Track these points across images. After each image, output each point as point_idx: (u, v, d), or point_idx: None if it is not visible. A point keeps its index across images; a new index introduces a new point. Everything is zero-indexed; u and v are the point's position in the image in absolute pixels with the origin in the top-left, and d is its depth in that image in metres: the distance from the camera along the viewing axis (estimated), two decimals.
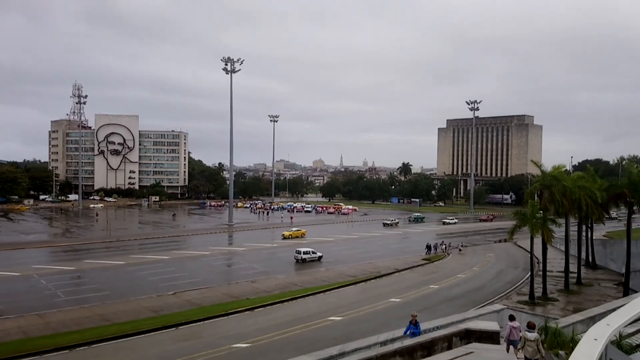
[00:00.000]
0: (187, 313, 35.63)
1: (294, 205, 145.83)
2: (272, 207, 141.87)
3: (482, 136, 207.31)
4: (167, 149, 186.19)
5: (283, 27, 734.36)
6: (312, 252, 60.15)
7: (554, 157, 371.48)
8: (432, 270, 55.58)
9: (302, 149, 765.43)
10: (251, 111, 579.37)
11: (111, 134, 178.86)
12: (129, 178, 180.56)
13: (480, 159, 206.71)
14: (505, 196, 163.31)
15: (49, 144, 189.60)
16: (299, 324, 32.55)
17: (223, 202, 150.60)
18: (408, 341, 16.98)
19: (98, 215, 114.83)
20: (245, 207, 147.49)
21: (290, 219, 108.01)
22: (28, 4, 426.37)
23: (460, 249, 68.44)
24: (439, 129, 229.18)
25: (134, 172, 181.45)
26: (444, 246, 68.95)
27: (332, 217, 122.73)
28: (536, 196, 47.04)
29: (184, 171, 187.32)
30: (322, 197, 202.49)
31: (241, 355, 27.27)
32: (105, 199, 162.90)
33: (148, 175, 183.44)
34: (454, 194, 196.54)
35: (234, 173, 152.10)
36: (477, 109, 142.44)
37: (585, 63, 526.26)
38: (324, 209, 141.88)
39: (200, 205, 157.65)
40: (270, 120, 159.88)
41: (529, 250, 46.36)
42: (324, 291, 43.57)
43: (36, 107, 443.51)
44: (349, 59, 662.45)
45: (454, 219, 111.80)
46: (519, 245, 69.96)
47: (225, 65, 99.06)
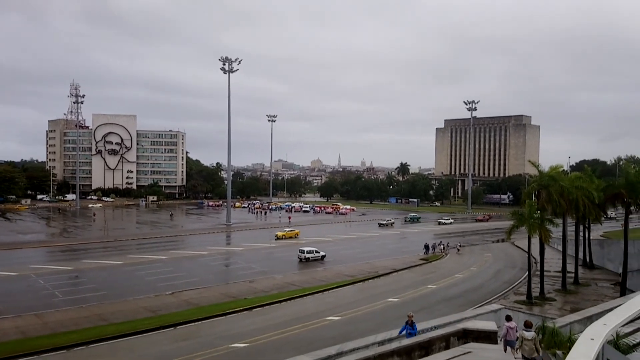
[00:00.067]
0: (185, 313, 35.64)
1: (292, 205, 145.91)
2: (270, 207, 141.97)
3: (480, 136, 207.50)
4: (165, 149, 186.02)
5: (283, 27, 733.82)
6: (316, 252, 61.13)
7: (554, 157, 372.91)
8: (430, 270, 55.68)
9: (301, 149, 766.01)
10: (250, 111, 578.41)
11: (109, 133, 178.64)
12: (127, 178, 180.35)
13: (478, 159, 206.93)
14: (503, 196, 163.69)
15: (47, 144, 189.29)
16: (297, 324, 32.59)
17: (221, 202, 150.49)
18: (406, 341, 17.01)
19: (95, 215, 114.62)
20: (243, 207, 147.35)
21: (289, 218, 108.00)
22: (28, 4, 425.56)
23: (458, 249, 68.59)
24: (436, 129, 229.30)
25: (132, 172, 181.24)
26: (442, 246, 69.10)
27: (330, 217, 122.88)
28: (534, 196, 47.09)
29: (182, 171, 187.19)
30: (320, 197, 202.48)
31: (239, 355, 27.30)
32: (103, 198, 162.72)
33: (146, 175, 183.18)
34: (452, 194, 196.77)
35: (232, 173, 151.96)
36: (475, 109, 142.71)
37: (585, 63, 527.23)
38: (322, 209, 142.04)
39: (198, 205, 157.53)
40: (268, 120, 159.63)
41: (527, 250, 46.48)
42: (322, 291, 43.64)
43: (34, 107, 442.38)
44: (349, 59, 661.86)
45: (450, 219, 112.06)
46: (516, 245, 70.15)
47: (223, 65, 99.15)
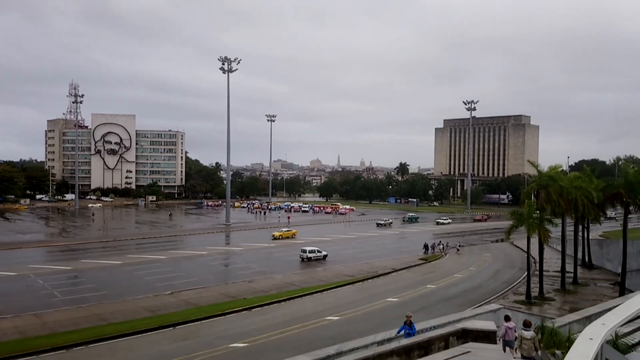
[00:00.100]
0: (184, 313, 35.61)
1: (292, 205, 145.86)
2: (270, 207, 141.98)
3: (479, 136, 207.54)
4: (164, 149, 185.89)
5: (283, 27, 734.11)
6: (318, 251, 61.29)
7: (554, 157, 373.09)
8: (429, 270, 55.70)
9: (300, 149, 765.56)
10: (250, 111, 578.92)
11: (108, 133, 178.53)
12: (126, 178, 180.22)
13: (477, 159, 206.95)
14: (502, 196, 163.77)
15: (46, 144, 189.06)
16: (296, 324, 32.58)
17: (220, 202, 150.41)
18: (405, 341, 17.02)
19: (94, 215, 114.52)
20: (243, 207, 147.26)
21: (288, 218, 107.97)
22: (27, 4, 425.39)
23: (457, 249, 68.63)
24: (436, 129, 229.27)
25: (131, 172, 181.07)
26: (442, 246, 69.15)
27: (330, 217, 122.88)
28: (533, 196, 47.14)
29: (181, 171, 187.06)
30: (320, 197, 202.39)
31: (238, 355, 27.29)
32: (102, 198, 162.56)
33: (145, 174, 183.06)
34: (451, 194, 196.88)
35: (231, 173, 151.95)
36: (474, 109, 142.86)
37: (585, 63, 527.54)
38: (322, 208, 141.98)
39: (197, 205, 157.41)
40: (267, 120, 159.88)
41: (526, 250, 46.57)
42: (321, 291, 43.63)
43: (34, 107, 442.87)
44: (349, 59, 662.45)
45: (448, 219, 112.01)
46: (515, 245, 70.19)
47: (223, 64, 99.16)
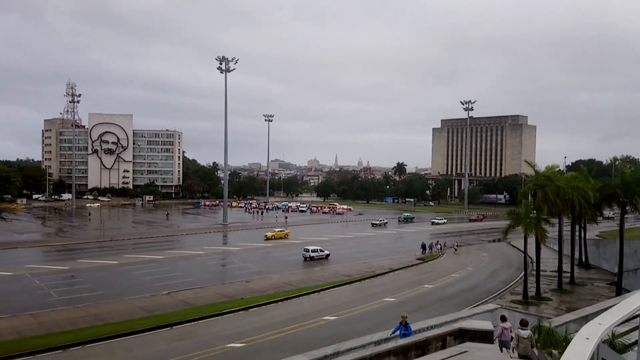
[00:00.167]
0: (181, 313, 35.57)
1: (289, 204, 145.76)
2: (267, 207, 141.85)
3: (476, 136, 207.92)
4: (161, 148, 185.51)
5: (283, 27, 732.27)
6: (320, 251, 61.62)
7: (554, 157, 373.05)
8: (427, 270, 55.77)
9: (298, 149, 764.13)
10: (249, 111, 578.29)
11: (105, 133, 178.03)
12: (123, 177, 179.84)
13: (475, 159, 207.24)
14: (499, 196, 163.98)
15: (43, 143, 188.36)
16: (293, 324, 32.58)
17: (217, 202, 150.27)
18: (402, 340, 17.03)
19: (91, 215, 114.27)
20: (240, 207, 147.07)
21: (285, 218, 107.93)
22: (27, 4, 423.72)
23: (455, 249, 68.73)
24: (433, 129, 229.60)
25: (128, 172, 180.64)
26: (439, 246, 69.22)
27: (327, 217, 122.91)
28: (530, 196, 47.25)
29: (178, 170, 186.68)
30: (317, 197, 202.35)
31: (236, 355, 27.28)
32: (99, 198, 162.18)
33: (142, 174, 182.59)
34: (449, 193, 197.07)
35: (228, 173, 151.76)
36: (472, 109, 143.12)
37: (585, 63, 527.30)
38: (319, 208, 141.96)
39: (194, 205, 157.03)
40: (265, 120, 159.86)
41: (523, 250, 46.64)
42: (318, 291, 43.64)
43: (32, 106, 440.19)
44: (349, 58, 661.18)
45: (443, 219, 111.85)
46: (512, 245, 70.32)
47: (220, 64, 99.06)
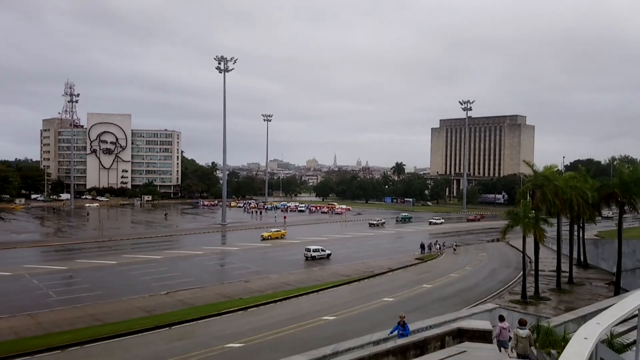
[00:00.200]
0: (180, 313, 35.53)
1: (288, 204, 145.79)
2: (266, 207, 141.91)
3: (475, 136, 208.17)
4: (160, 148, 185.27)
5: (282, 27, 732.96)
6: (322, 250, 61.91)
7: (553, 157, 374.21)
8: (425, 270, 55.78)
9: (296, 149, 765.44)
10: (248, 111, 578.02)
11: (103, 132, 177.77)
12: (122, 177, 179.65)
13: (473, 158, 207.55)
14: (498, 196, 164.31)
15: (41, 143, 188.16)
16: (292, 324, 32.56)
17: (216, 202, 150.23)
18: (401, 340, 17.04)
19: (89, 215, 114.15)
20: (239, 207, 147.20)
21: (284, 218, 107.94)
22: (27, 4, 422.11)
23: (454, 249, 68.78)
24: (432, 128, 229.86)
25: (127, 172, 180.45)
26: (438, 245, 69.25)
27: (326, 217, 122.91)
28: (528, 196, 47.26)
29: (177, 170, 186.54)
30: (316, 197, 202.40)
31: (234, 355, 27.26)
32: (98, 198, 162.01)
33: (141, 174, 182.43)
34: (447, 193, 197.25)
35: (227, 172, 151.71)
36: (470, 109, 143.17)
37: (584, 63, 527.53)
38: (318, 208, 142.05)
39: (193, 205, 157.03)
40: (264, 120, 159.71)
41: (522, 250, 46.62)
42: (317, 291, 43.62)
43: (31, 106, 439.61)
44: (348, 58, 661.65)
45: (441, 219, 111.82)
46: (511, 245, 70.35)
47: (219, 64, 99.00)
